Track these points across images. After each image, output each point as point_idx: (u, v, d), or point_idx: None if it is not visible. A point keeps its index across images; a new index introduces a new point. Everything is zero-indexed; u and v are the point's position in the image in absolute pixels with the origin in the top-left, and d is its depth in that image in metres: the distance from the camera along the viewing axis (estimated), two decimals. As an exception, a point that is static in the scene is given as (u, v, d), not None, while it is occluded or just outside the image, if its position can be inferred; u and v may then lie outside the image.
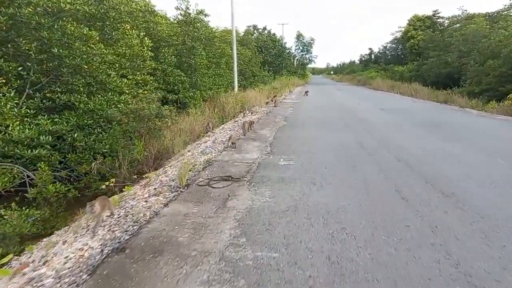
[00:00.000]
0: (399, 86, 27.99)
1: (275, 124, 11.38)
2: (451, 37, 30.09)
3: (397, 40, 55.85)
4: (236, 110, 13.89)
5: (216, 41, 22.76)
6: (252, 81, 31.08)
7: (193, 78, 16.06)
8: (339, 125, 11.04)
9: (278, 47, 45.09)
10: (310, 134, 9.54)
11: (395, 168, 5.91)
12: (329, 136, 9.07)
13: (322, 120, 11.87)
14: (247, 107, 14.44)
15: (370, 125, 11.00)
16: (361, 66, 68.49)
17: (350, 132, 9.71)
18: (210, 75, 19.00)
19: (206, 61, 19.71)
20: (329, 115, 12.95)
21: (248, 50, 32.61)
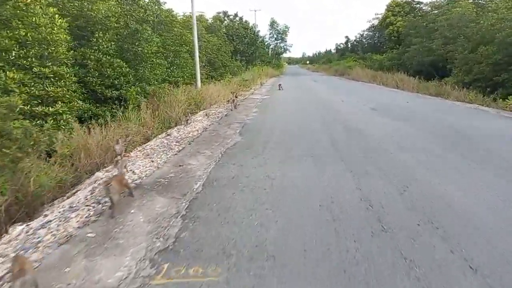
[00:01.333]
0: (381, 76, 25.69)
1: (223, 142, 7.66)
2: (433, 23, 27.91)
3: (374, 27, 53.76)
4: (190, 110, 11.00)
5: (176, 26, 19.75)
6: (222, 71, 28.36)
7: (139, 70, 13.03)
8: (322, 144, 7.24)
9: (250, 35, 42.07)
10: (273, 172, 5.36)
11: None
12: (310, 181, 4.98)
13: (296, 133, 8.37)
14: (203, 107, 11.61)
15: (370, 143, 7.23)
16: (338, 55, 66.26)
17: (345, 169, 5.51)
18: (166, 65, 16.05)
19: (162, 49, 16.71)
20: (306, 121, 9.67)
21: (217, 38, 29.56)
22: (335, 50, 74.71)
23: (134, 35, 12.75)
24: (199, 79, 17.98)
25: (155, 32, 18.38)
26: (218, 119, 10.40)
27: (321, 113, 11.17)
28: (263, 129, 8.95)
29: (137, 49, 12.90)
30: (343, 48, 63.63)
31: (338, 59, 61.61)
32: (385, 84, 23.08)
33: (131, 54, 12.93)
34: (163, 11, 18.93)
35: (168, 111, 9.57)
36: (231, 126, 9.43)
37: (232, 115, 11.13)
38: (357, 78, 30.82)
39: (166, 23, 18.84)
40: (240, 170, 5.52)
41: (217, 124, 9.74)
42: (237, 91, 17.91)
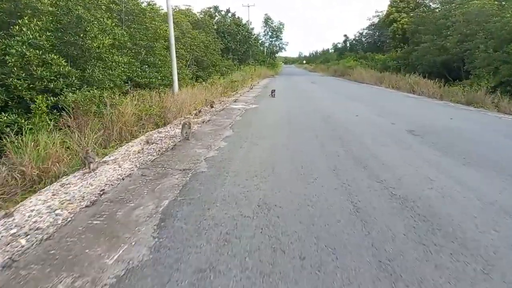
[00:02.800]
0: (389, 78, 22.68)
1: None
2: (445, 18, 25.00)
3: (375, 25, 51.06)
4: (130, 130, 7.82)
5: (147, 18, 16.64)
6: (211, 71, 25.37)
7: (87, 69, 9.96)
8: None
9: (243, 33, 38.96)
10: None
11: None
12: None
13: (289, 221, 3.48)
14: (162, 122, 8.48)
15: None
16: (336, 55, 63.41)
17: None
18: (136, 64, 13.09)
19: (128, 44, 13.63)
20: (308, 169, 5.11)
21: (205, 34, 26.53)
22: (332, 49, 71.96)
23: (78, 25, 9.62)
24: (176, 80, 14.84)
25: (123, 24, 15.37)
26: (151, 159, 5.60)
27: (331, 146, 6.49)
28: (220, 199, 3.96)
29: (84, 43, 9.82)
30: (341, 47, 60.90)
31: (336, 58, 58.95)
32: (396, 87, 19.97)
33: (76, 49, 9.83)
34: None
35: (86, 136, 6.25)
36: (159, 187, 4.32)
37: (184, 147, 6.38)
38: (360, 79, 27.74)
39: (136, 14, 15.73)
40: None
41: (138, 177, 4.68)
42: (218, 96, 14.81)
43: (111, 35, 12.45)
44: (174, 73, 14.92)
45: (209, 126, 8.08)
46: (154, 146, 6.36)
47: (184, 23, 23.57)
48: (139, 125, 7.51)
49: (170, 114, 9.03)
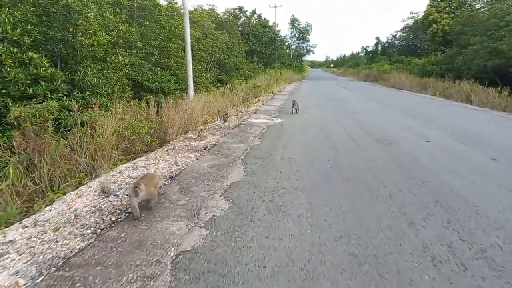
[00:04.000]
0: (435, 85, 19.99)
1: None
2: (496, 18, 22.08)
3: (410, 27, 47.90)
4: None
5: (163, 15, 14.93)
6: (235, 74, 23.60)
7: (78, 72, 8.26)
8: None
9: (269, 34, 36.95)
10: None
11: None
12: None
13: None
14: (161, 143, 6.39)
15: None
16: (367, 58, 60.29)
17: None
18: (147, 66, 11.42)
19: (139, 44, 11.94)
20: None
21: (229, 35, 24.79)
22: (363, 52, 68.81)
23: (68, 16, 7.85)
24: (191, 85, 12.99)
25: (134, 21, 13.67)
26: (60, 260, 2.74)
27: (438, 237, 3.23)
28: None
29: (75, 39, 8.07)
30: (372, 51, 57.74)
31: (367, 62, 55.89)
32: (444, 95, 17.20)
33: (66, 47, 8.07)
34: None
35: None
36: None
37: (142, 227, 3.34)
38: (398, 85, 24.99)
39: (149, 10, 14.00)
40: None
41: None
42: (238, 104, 12.74)
43: (114, 31, 10.76)
44: (189, 77, 13.09)
45: (210, 158, 5.37)
46: (107, 205, 3.74)
47: (206, 23, 21.88)
48: (121, 148, 5.51)
49: (173, 129, 7.03)
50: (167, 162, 5.06)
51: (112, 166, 4.95)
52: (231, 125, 8.82)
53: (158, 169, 4.75)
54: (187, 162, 5.12)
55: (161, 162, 5.14)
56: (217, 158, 5.39)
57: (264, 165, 5.07)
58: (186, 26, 13.03)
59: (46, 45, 7.81)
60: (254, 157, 5.52)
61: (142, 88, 11.96)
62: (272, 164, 5.09)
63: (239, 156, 5.62)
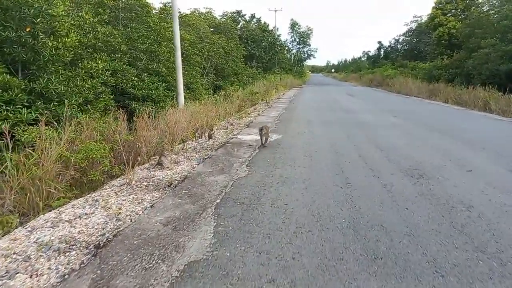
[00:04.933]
0: (445, 91, 18.69)
1: None
2: (508, 19, 20.93)
3: (413, 31, 46.83)
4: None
5: (151, 16, 13.82)
6: (233, 80, 22.50)
7: (41, 79, 7.14)
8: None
9: (269, 39, 35.83)
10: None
11: None
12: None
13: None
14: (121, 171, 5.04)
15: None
16: (369, 63, 59.17)
17: None
18: (132, 72, 10.27)
19: (124, 47, 10.81)
20: None
21: (227, 39, 23.76)
22: (364, 57, 67.75)
23: (21, 13, 6.67)
24: (181, 93, 11.76)
25: (119, 22, 12.49)
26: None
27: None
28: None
29: (36, 41, 6.88)
30: (375, 55, 56.67)
31: (369, 67, 54.76)
32: (459, 103, 15.76)
33: (26, 51, 6.88)
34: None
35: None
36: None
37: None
38: (405, 91, 23.63)
39: (135, 11, 12.83)
40: None
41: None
42: (231, 114, 11.47)
43: (91, 33, 9.57)
44: (179, 83, 11.86)
45: (171, 204, 3.77)
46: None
47: (202, 26, 20.76)
48: (67, 179, 4.23)
49: (147, 148, 5.76)
50: (106, 212, 3.47)
51: (47, 209, 3.67)
52: (216, 144, 7.09)
53: (87, 227, 3.12)
54: (135, 212, 3.48)
55: (98, 210, 3.47)
56: (180, 205, 3.75)
57: (246, 220, 3.36)
58: (175, 27, 11.83)
59: (1, 48, 6.63)
60: (234, 202, 3.85)
61: (127, 96, 10.80)
62: (258, 219, 3.39)
63: (213, 199, 3.94)
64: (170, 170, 4.90)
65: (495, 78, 19.57)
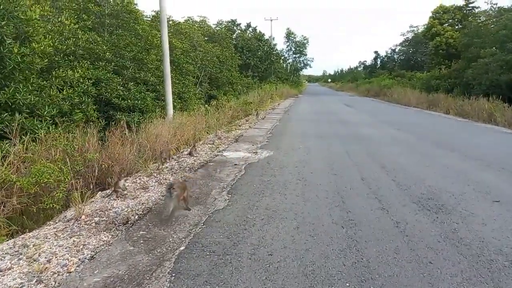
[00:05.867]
0: (446, 101, 18.09)
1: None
2: (507, 29, 20.54)
3: (409, 41, 46.68)
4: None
5: (140, 23, 13.14)
6: (228, 89, 21.89)
7: (6, 89, 6.48)
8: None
9: (265, 48, 35.32)
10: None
11: None
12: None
13: None
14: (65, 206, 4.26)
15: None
16: (365, 73, 58.90)
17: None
18: (118, 82, 9.57)
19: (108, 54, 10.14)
20: None
21: (221, 48, 23.17)
22: (361, 67, 67.57)
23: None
24: (170, 103, 11.13)
25: (105, 30, 11.79)
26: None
27: None
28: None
29: (2, 48, 6.16)
30: (371, 65, 56.48)
31: (365, 77, 54.46)
32: (461, 114, 15.01)
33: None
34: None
35: None
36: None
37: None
38: (404, 101, 23.01)
39: (122, 17, 12.12)
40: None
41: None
42: (222, 126, 10.76)
43: (71, 40, 8.86)
44: (167, 93, 11.21)
45: (119, 253, 2.95)
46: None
47: (196, 35, 20.15)
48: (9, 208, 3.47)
49: (119, 168, 5.00)
50: (28, 267, 2.58)
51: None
52: (197, 163, 6.15)
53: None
54: (66, 269, 2.63)
55: (20, 264, 2.61)
56: (130, 255, 2.89)
57: (214, 284, 2.52)
58: (163, 34, 11.23)
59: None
60: (203, 251, 2.99)
61: (112, 106, 10.07)
62: (230, 282, 2.54)
63: (176, 246, 3.08)
64: (133, 200, 4.07)
65: (495, 89, 19.06)
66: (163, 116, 10.04)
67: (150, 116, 9.84)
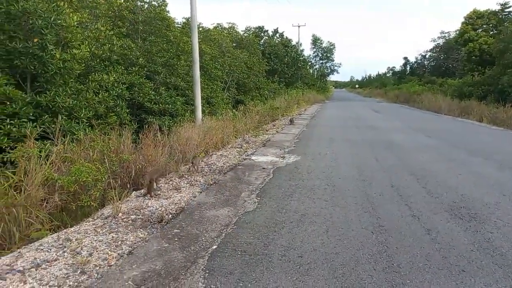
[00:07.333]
0: (480, 109, 17.52)
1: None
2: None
3: (441, 47, 45.46)
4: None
5: (171, 29, 13.55)
6: (255, 95, 22.10)
7: (48, 92, 6.88)
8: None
9: (291, 54, 35.41)
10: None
11: None
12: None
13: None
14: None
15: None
16: (394, 79, 57.78)
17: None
18: (150, 86, 9.94)
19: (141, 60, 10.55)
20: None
21: (249, 54, 23.49)
22: (389, 73, 66.38)
23: (28, 23, 6.37)
24: (199, 107, 11.35)
25: (139, 36, 12.22)
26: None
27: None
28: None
29: (45, 53, 6.53)
30: (400, 71, 55.36)
31: (394, 83, 53.45)
32: (496, 122, 14.33)
33: (34, 63, 6.52)
34: (152, 6, 12.65)
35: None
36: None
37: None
38: (434, 108, 22.43)
39: (155, 24, 12.52)
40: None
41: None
42: (249, 130, 10.88)
43: (107, 46, 9.26)
44: (197, 97, 11.45)
45: (156, 249, 3.11)
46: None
47: (224, 41, 20.52)
48: (52, 205, 3.70)
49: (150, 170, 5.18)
50: (72, 260, 2.76)
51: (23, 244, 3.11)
52: (226, 166, 6.30)
53: (40, 284, 2.45)
54: (107, 262, 2.77)
55: (64, 256, 2.78)
56: (166, 252, 3.00)
57: (246, 282, 2.59)
58: (194, 40, 11.48)
59: (8, 59, 6.30)
60: (234, 251, 3.06)
61: (144, 110, 10.42)
62: (261, 281, 2.61)
63: (208, 244, 3.18)
64: (167, 199, 4.24)
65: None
66: (192, 120, 10.28)
67: (180, 120, 10.13)
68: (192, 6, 11.37)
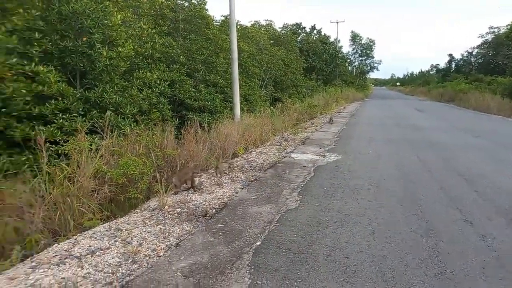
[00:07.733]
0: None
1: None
2: None
3: (489, 43, 42.98)
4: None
5: (211, 27, 13.72)
6: (292, 92, 21.97)
7: (96, 89, 7.23)
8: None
9: (330, 51, 34.81)
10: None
11: None
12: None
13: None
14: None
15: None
16: (438, 77, 55.32)
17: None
18: (190, 83, 10.27)
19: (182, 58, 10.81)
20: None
21: (286, 51, 23.40)
22: (433, 70, 63.69)
23: (77, 23, 6.68)
24: (237, 104, 11.42)
25: (179, 34, 12.50)
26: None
27: None
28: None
29: (92, 51, 6.83)
30: (445, 68, 52.95)
31: (438, 81, 51.17)
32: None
33: (83, 60, 6.86)
34: (192, 5, 12.88)
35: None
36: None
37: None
38: (482, 107, 21.21)
39: (195, 22, 12.74)
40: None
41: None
42: (288, 127, 10.82)
43: (149, 43, 9.54)
44: (235, 95, 11.53)
45: (201, 242, 3.15)
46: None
47: (262, 38, 20.54)
48: (102, 196, 3.87)
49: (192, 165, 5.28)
50: (124, 249, 2.89)
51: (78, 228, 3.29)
52: (266, 163, 6.31)
53: (95, 270, 2.59)
54: (156, 253, 2.88)
55: (116, 245, 2.92)
56: (211, 245, 3.06)
57: (292, 280, 2.56)
58: (232, 38, 11.55)
59: (60, 57, 6.65)
60: (279, 248, 3.04)
61: (185, 106, 10.67)
62: (307, 280, 2.56)
63: (252, 240, 3.18)
64: (209, 194, 4.31)
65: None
66: (231, 117, 10.39)
67: (219, 117, 10.27)
68: (231, 4, 11.44)
